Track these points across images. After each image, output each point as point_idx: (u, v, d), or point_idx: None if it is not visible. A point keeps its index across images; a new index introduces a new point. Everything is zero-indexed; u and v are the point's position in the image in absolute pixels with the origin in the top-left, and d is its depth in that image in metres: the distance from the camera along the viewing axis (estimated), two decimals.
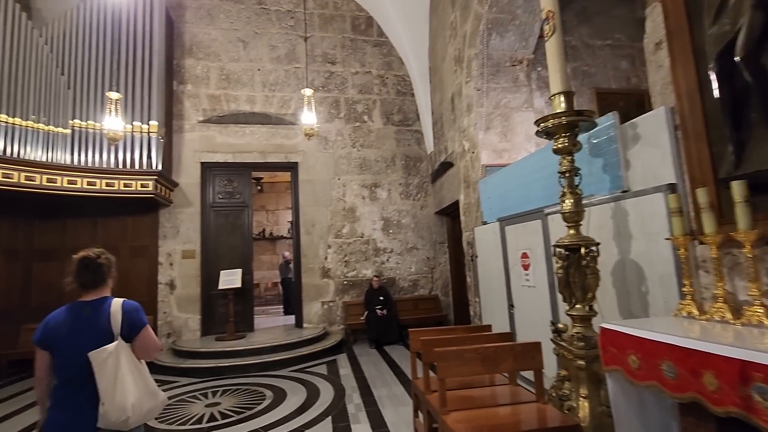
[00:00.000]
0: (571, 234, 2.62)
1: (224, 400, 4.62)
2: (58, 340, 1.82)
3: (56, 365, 1.82)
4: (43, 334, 1.84)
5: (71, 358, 1.79)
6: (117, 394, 1.76)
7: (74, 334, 1.82)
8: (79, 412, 1.76)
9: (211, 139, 7.67)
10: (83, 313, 1.87)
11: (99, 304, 1.90)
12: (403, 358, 6.14)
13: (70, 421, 1.76)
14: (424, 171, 8.46)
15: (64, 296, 5.61)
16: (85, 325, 1.84)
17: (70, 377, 1.80)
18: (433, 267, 8.23)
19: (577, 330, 2.55)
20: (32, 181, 5.60)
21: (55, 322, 1.86)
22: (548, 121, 2.63)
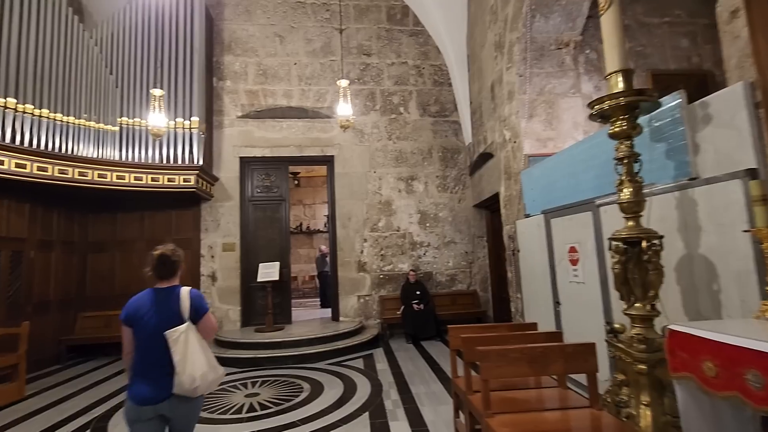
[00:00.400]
0: (630, 226, 2.38)
1: (263, 390, 4.67)
2: (139, 320, 2.14)
3: (136, 340, 2.15)
4: (127, 314, 2.17)
5: (149, 334, 2.12)
6: (188, 366, 2.09)
7: (151, 314, 2.14)
8: (157, 381, 2.10)
9: (250, 134, 7.79)
10: (158, 298, 2.20)
11: (171, 291, 2.24)
12: (441, 355, 5.99)
13: (150, 388, 2.10)
14: (461, 163, 8.22)
15: (115, 287, 5.88)
16: (160, 307, 2.17)
17: (147, 351, 2.13)
18: (472, 261, 8.00)
19: (637, 331, 2.32)
20: (85, 177, 5.88)
21: (136, 304, 2.19)
22: (604, 103, 2.40)
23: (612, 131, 2.47)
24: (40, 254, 6.23)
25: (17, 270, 5.83)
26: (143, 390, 2.09)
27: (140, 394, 2.09)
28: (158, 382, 2.10)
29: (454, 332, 3.17)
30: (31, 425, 3.93)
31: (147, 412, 2.09)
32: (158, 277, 2.27)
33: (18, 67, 5.37)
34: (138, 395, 2.09)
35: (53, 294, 6.44)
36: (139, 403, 2.08)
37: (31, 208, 6.09)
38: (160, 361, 2.10)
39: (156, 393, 2.09)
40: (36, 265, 6.14)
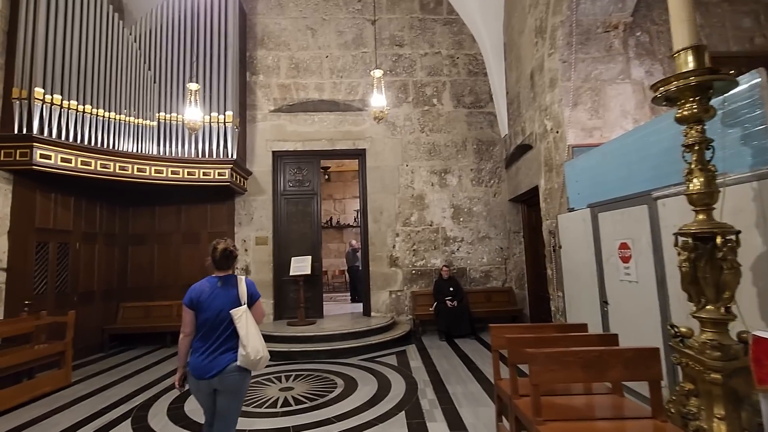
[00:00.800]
0: (700, 220, 2.14)
1: (297, 385, 4.65)
2: (201, 303, 2.41)
3: (199, 322, 2.41)
4: (190, 299, 2.43)
5: (212, 316, 2.40)
6: (251, 340, 2.38)
7: (213, 298, 2.42)
8: (214, 355, 2.37)
9: (282, 128, 7.80)
10: (218, 285, 2.48)
11: (228, 279, 2.53)
12: (476, 353, 5.81)
13: (208, 361, 2.35)
14: (497, 155, 7.94)
15: (154, 278, 6.00)
16: (221, 292, 2.46)
17: (210, 331, 2.40)
18: (507, 258, 7.73)
19: (710, 336, 2.09)
20: (125, 171, 6.03)
21: (198, 290, 2.45)
22: (671, 84, 2.16)
23: (680, 115, 2.22)
24: (84, 246, 6.46)
25: (64, 261, 6.07)
26: (200, 364, 2.36)
27: (197, 367, 2.36)
28: (216, 358, 2.36)
29: (497, 332, 3.00)
30: (76, 411, 4.06)
31: (203, 385, 2.36)
32: (219, 268, 2.53)
33: (63, 64, 5.55)
34: (195, 368, 2.36)
35: (97, 285, 6.68)
36: (197, 377, 2.35)
37: (76, 201, 6.31)
38: (220, 340, 2.39)
39: (212, 368, 2.34)
40: (81, 257, 6.38)
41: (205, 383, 2.34)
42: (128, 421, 3.76)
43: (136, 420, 3.78)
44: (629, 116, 4.87)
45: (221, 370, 2.33)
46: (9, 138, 5.15)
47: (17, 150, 5.15)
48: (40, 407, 4.21)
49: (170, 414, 3.89)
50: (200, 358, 2.36)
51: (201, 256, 7.39)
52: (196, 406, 4.05)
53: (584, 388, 2.87)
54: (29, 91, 5.26)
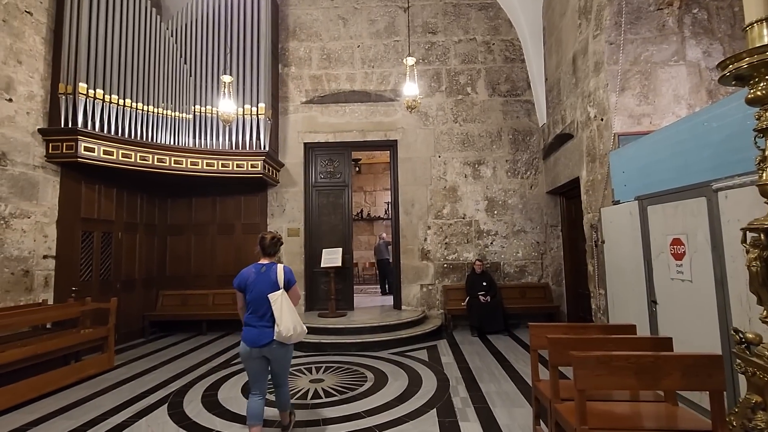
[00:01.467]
0: None
1: (327, 377, 4.64)
2: (249, 285, 2.89)
3: (247, 301, 2.90)
4: (239, 282, 2.94)
5: (256, 296, 2.86)
6: (284, 320, 2.81)
7: (257, 281, 2.89)
8: (262, 329, 2.86)
9: (313, 120, 7.78)
10: (261, 270, 2.94)
11: (270, 266, 2.97)
12: (510, 351, 5.62)
13: (258, 334, 2.86)
14: (534, 146, 7.61)
15: (191, 268, 6.13)
16: (264, 277, 2.90)
17: (256, 308, 2.88)
18: (544, 252, 7.43)
19: None
20: (163, 163, 6.19)
21: (246, 275, 2.94)
22: (742, 60, 1.91)
23: (753, 95, 1.96)
24: (126, 236, 6.71)
25: (107, 250, 6.33)
26: (252, 335, 2.86)
27: (249, 338, 2.87)
28: (262, 331, 2.85)
29: (537, 331, 2.83)
30: (117, 395, 4.21)
31: (254, 352, 2.86)
32: (267, 254, 3.02)
33: (105, 60, 5.72)
34: (247, 338, 2.87)
35: (138, 273, 6.94)
36: (249, 345, 2.86)
37: (118, 192, 6.55)
38: (266, 317, 2.86)
39: (259, 339, 2.84)
40: (123, 246, 6.63)
41: (256, 350, 2.85)
42: (165, 406, 3.86)
43: (172, 406, 3.87)
44: (683, 101, 4.50)
45: (268, 343, 2.84)
46: (56, 132, 5.37)
47: (64, 143, 5.37)
48: (85, 389, 4.41)
49: (204, 401, 3.97)
50: (252, 330, 2.87)
51: (235, 246, 7.56)
52: (229, 394, 4.12)
53: (630, 394, 2.67)
54: (74, 87, 5.46)
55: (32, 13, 5.36)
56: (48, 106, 5.50)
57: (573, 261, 7.17)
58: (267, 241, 3.01)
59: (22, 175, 5.09)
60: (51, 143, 5.39)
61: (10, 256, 4.91)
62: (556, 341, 2.46)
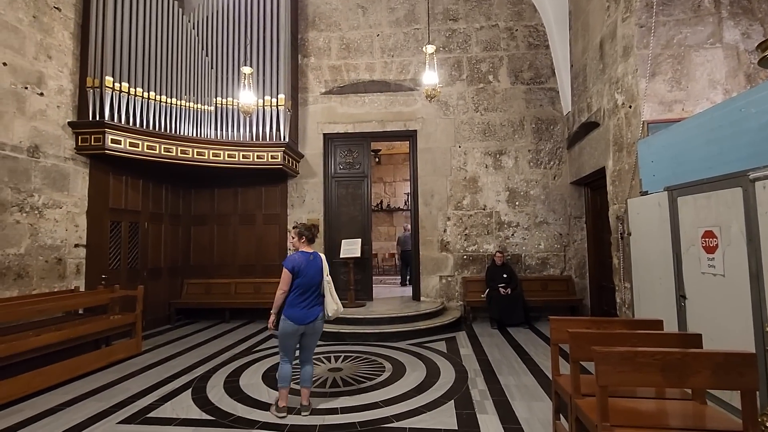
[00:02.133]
0: None
1: (345, 366, 4.68)
2: (301, 270, 3.31)
3: (297, 283, 3.31)
4: (293, 266, 3.31)
5: (308, 280, 3.32)
6: (334, 300, 3.45)
7: (309, 267, 3.35)
8: (310, 308, 3.33)
9: (333, 110, 7.77)
10: (310, 258, 3.39)
11: (316, 255, 3.46)
12: (530, 343, 5.54)
13: (306, 313, 3.30)
14: (558, 135, 7.40)
15: (214, 257, 6.26)
16: (313, 264, 3.39)
17: (305, 290, 3.33)
18: (567, 245, 7.26)
19: None
20: (186, 155, 6.31)
21: (300, 260, 3.34)
22: None
23: None
24: (152, 226, 6.91)
25: (135, 239, 6.53)
26: (300, 314, 3.27)
27: (298, 316, 3.27)
28: (310, 310, 3.32)
29: (558, 325, 2.76)
30: (144, 378, 4.37)
31: (299, 329, 3.29)
32: (310, 243, 3.49)
33: (129, 53, 5.84)
34: (296, 317, 3.27)
35: (164, 261, 7.15)
36: (297, 323, 3.27)
37: (144, 183, 6.73)
38: (311, 298, 3.34)
39: (307, 316, 3.30)
40: (149, 236, 6.83)
41: (302, 327, 3.27)
42: (189, 391, 3.98)
43: (196, 390, 3.99)
44: (719, 86, 4.26)
45: (313, 320, 3.30)
46: (85, 125, 5.54)
47: (92, 136, 5.54)
48: (114, 372, 4.58)
49: (226, 387, 4.07)
50: (299, 310, 3.28)
51: (256, 236, 7.68)
52: (250, 381, 4.20)
53: (656, 391, 2.58)
54: (101, 80, 5.60)
55: (61, 9, 5.51)
56: (77, 100, 5.67)
57: (597, 253, 6.98)
58: (313, 230, 3.52)
59: (53, 167, 5.28)
60: (80, 136, 5.56)
61: (44, 245, 5.12)
62: (577, 335, 2.39)
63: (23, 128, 4.92)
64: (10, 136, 4.77)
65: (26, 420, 3.38)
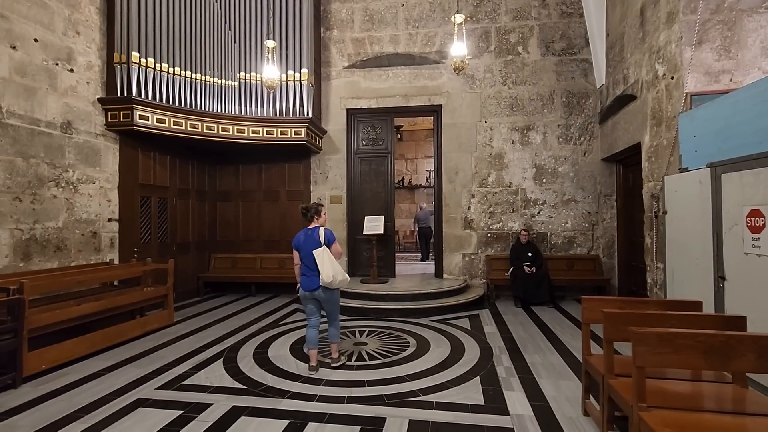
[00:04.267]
0: None
1: (370, 341, 4.75)
2: (300, 245, 3.83)
3: (301, 257, 3.83)
4: (295, 242, 3.87)
5: (306, 253, 3.78)
6: (324, 269, 3.68)
7: (306, 242, 3.80)
8: (312, 277, 3.76)
9: (356, 85, 7.64)
10: (308, 233, 3.82)
11: (314, 229, 3.84)
12: (555, 322, 5.49)
13: (309, 281, 3.78)
14: (589, 109, 7.10)
15: (239, 233, 6.37)
16: (310, 239, 3.80)
17: (306, 262, 3.79)
18: (595, 223, 7.07)
19: None
20: (211, 131, 6.35)
21: (298, 237, 3.86)
22: None
23: None
24: (180, 201, 7.05)
25: (164, 214, 6.69)
26: (306, 282, 3.80)
27: (304, 284, 3.82)
28: (312, 279, 3.76)
29: (590, 305, 2.71)
30: (178, 348, 4.55)
31: (308, 295, 3.81)
32: (308, 220, 3.89)
33: (154, 28, 5.83)
34: (303, 285, 3.83)
35: (192, 236, 7.33)
36: (303, 289, 3.82)
37: (171, 160, 6.84)
38: (312, 268, 3.74)
39: (311, 285, 3.77)
40: (177, 211, 6.99)
41: (309, 293, 3.80)
42: (220, 360, 4.13)
43: (227, 360, 4.13)
44: None
45: (315, 288, 3.74)
46: (114, 101, 5.61)
47: (120, 112, 5.62)
48: (150, 341, 4.79)
49: (256, 358, 4.20)
50: (305, 279, 3.82)
51: (280, 213, 7.76)
52: (278, 353, 4.32)
53: (692, 374, 2.52)
54: (128, 56, 5.63)
55: None
56: (105, 76, 5.73)
57: (627, 233, 6.78)
58: (303, 211, 3.96)
59: (86, 143, 5.40)
60: (109, 112, 5.65)
61: (80, 219, 5.30)
62: (612, 316, 2.33)
63: (56, 104, 5.03)
64: (44, 113, 4.88)
65: (73, 383, 3.58)
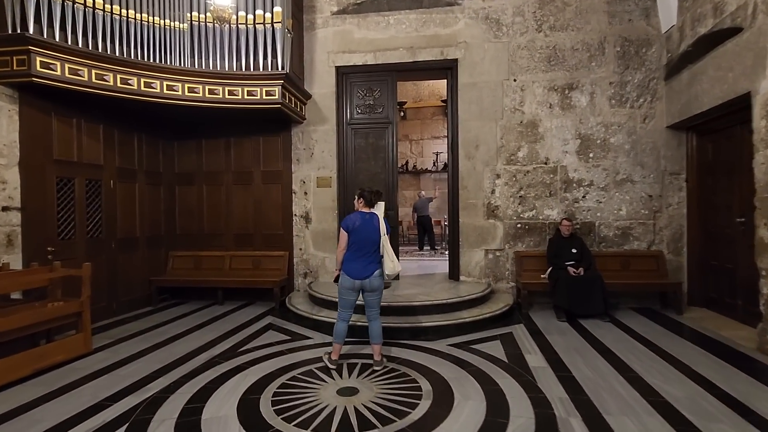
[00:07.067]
0: None
1: (363, 385, 3.20)
2: (356, 229, 3.45)
3: (353, 240, 3.46)
4: (347, 225, 3.48)
5: (362, 238, 3.45)
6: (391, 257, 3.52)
7: (363, 225, 3.46)
8: (366, 264, 3.46)
9: (348, 36, 6.00)
10: (366, 218, 3.49)
11: (372, 215, 3.53)
12: (625, 348, 3.91)
13: (362, 268, 3.45)
14: (652, 61, 5.44)
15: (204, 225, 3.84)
16: (368, 224, 3.47)
17: (360, 248, 3.46)
18: (658, 210, 5.46)
19: None
20: (152, 89, 4.74)
21: (354, 219, 3.48)
22: None
23: None
24: (122, 185, 5.49)
25: (96, 201, 5.12)
26: (356, 269, 3.44)
27: (354, 271, 3.44)
28: (366, 266, 3.45)
29: None
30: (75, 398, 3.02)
31: (356, 284, 3.45)
32: (368, 205, 3.55)
33: None
34: (352, 272, 3.43)
35: (140, 230, 5.77)
36: (353, 277, 3.43)
37: (106, 130, 5.26)
38: (367, 255, 3.46)
39: (364, 272, 3.44)
40: (117, 197, 5.42)
41: (358, 282, 3.43)
42: (123, 430, 2.58)
43: (134, 427, 2.59)
44: None
45: (369, 275, 3.44)
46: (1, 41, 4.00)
47: (13, 57, 4.00)
48: (42, 384, 3.27)
49: (179, 425, 2.65)
50: (356, 266, 3.43)
51: (254, 199, 6.19)
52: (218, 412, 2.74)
53: None
54: None
55: None
56: None
57: (703, 222, 5.20)
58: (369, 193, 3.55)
59: None
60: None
61: None
62: None
63: None
64: None
65: None
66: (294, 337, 4.46)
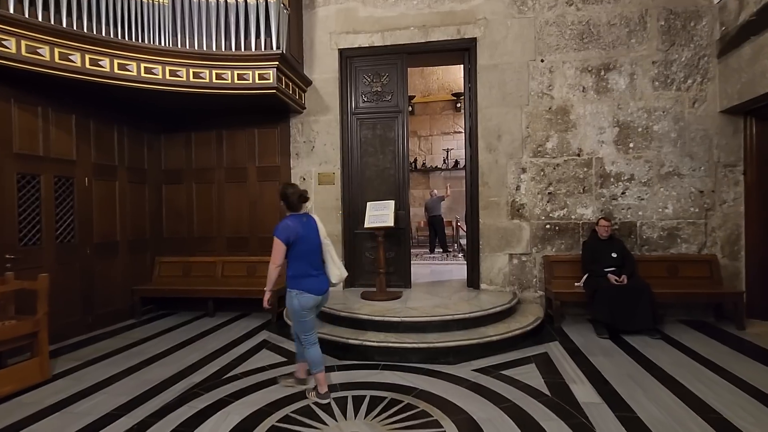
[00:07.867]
0: None
1: (373, 429, 2.53)
2: (301, 237, 2.89)
3: (300, 250, 2.90)
4: (290, 234, 2.86)
5: (311, 246, 2.95)
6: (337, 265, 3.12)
7: (307, 232, 2.94)
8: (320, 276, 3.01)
9: (352, 14, 5.34)
10: (304, 220, 2.97)
11: (308, 216, 3.04)
12: (687, 371, 3.21)
13: (320, 282, 2.98)
14: (702, 37, 4.73)
15: (194, 228, 3.14)
16: (307, 226, 2.97)
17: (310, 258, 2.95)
18: (710, 207, 4.74)
19: None
20: (127, 71, 4.12)
21: (294, 226, 2.89)
22: None
23: None
24: (99, 183, 4.88)
25: (67, 202, 4.51)
26: (316, 284, 2.95)
27: (315, 286, 2.93)
28: (320, 278, 3.00)
29: None
30: None
31: (320, 300, 2.98)
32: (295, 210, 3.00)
33: None
34: (314, 288, 2.92)
35: (121, 233, 5.16)
36: (316, 293, 2.93)
37: (80, 121, 4.65)
38: (317, 265, 3.00)
39: (323, 285, 3.00)
40: (95, 196, 4.81)
41: (319, 298, 2.95)
42: None
43: None
44: None
45: (327, 287, 3.03)
46: None
47: None
48: None
49: None
50: (314, 280, 2.94)
51: (249, 199, 5.55)
52: None
53: None
54: None
55: None
56: None
57: (765, 220, 4.48)
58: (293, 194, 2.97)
59: None
60: None
61: None
62: None
63: None
64: None
65: None
66: (290, 358, 3.80)
